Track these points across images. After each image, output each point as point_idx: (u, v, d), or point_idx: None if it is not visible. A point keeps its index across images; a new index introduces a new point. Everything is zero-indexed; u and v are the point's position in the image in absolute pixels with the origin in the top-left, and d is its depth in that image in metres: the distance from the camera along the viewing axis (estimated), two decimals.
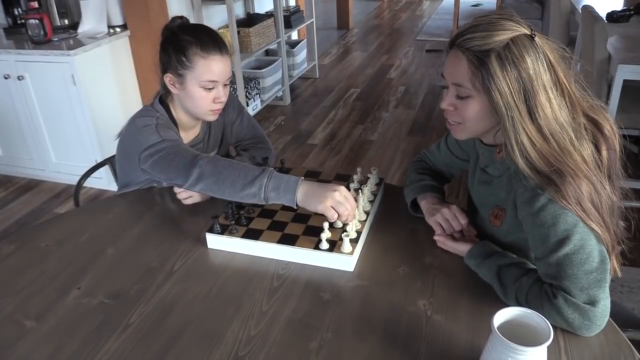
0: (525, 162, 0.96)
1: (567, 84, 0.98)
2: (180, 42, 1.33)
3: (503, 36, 0.95)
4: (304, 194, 1.16)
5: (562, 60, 0.99)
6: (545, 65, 0.96)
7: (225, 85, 1.39)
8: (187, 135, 1.51)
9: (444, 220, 1.20)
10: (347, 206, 1.14)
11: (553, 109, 0.96)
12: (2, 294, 1.13)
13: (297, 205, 1.17)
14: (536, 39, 0.96)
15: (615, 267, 1.02)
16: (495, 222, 1.13)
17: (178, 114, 1.45)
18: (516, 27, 0.96)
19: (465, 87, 1.00)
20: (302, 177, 1.19)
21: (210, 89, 1.35)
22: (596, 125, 1.01)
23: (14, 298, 1.12)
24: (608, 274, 0.95)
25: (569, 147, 0.96)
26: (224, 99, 1.39)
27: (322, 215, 1.13)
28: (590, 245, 0.94)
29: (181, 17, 1.39)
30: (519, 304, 0.99)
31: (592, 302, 0.93)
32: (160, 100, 1.45)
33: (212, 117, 1.42)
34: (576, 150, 0.96)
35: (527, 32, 0.97)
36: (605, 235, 0.96)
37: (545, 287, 0.97)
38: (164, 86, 1.41)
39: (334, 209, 1.13)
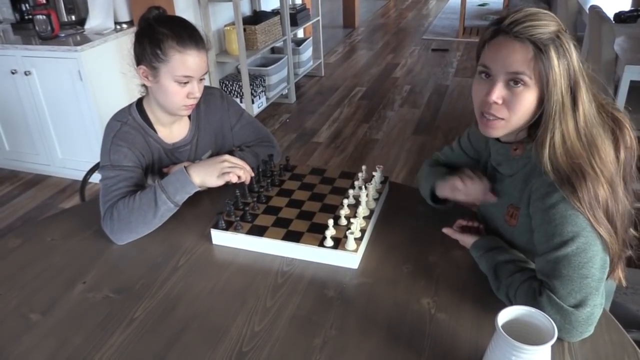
0: (549, 158, 0.95)
1: (587, 78, 0.97)
2: (156, 35, 1.29)
3: (554, 27, 0.94)
4: (199, 178, 1.29)
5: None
6: (579, 58, 0.95)
7: (200, 80, 1.37)
8: (171, 135, 1.48)
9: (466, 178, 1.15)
10: (238, 171, 1.29)
11: (589, 103, 0.96)
12: (8, 288, 1.14)
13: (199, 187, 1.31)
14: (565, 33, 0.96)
15: (620, 276, 1.01)
16: (511, 222, 1.11)
17: (154, 111, 1.43)
18: (557, 20, 0.96)
19: (525, 76, 0.95)
20: (183, 165, 1.33)
21: (184, 83, 1.33)
22: (616, 122, 1.00)
23: (19, 292, 1.13)
24: (603, 284, 0.94)
25: (598, 143, 0.95)
26: (198, 94, 1.37)
27: (327, 212, 1.13)
28: (593, 251, 0.92)
29: (158, 8, 1.36)
30: (508, 299, 0.99)
31: (577, 307, 0.92)
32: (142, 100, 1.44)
33: (184, 112, 1.40)
34: (602, 147, 0.95)
35: (561, 26, 0.96)
36: (613, 244, 0.94)
37: (534, 285, 0.96)
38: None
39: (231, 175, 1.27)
